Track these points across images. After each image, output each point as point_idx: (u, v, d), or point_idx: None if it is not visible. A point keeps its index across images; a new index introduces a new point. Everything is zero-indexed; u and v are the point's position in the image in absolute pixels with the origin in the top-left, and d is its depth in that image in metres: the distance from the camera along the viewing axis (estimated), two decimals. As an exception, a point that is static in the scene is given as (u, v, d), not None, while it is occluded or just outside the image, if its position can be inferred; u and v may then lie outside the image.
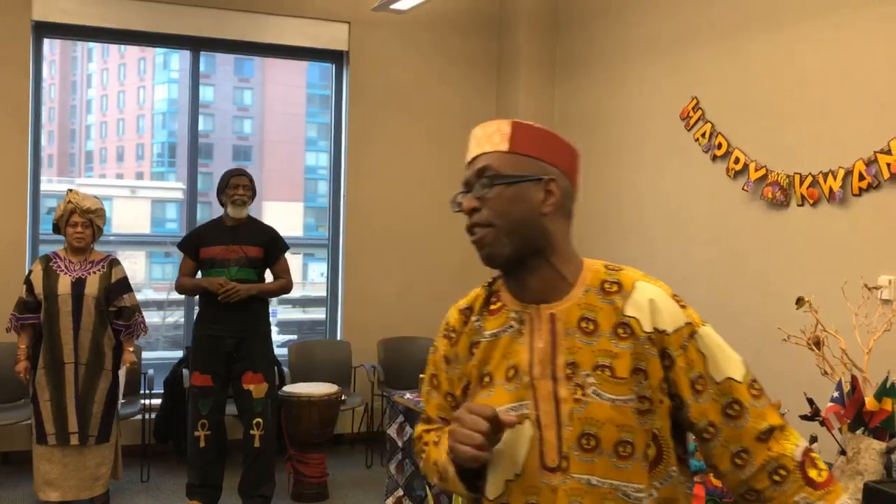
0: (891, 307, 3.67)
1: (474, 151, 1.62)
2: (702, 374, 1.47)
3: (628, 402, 1.44)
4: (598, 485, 1.44)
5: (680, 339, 1.47)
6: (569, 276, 1.54)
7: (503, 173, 1.53)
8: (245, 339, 4.74)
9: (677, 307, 1.50)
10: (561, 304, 1.52)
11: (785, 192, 4.43)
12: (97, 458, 4.79)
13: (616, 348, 1.46)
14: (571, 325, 1.49)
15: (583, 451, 1.44)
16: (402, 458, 4.45)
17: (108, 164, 10.65)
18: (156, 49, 8.79)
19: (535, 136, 1.56)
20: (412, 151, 6.60)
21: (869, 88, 4.03)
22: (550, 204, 1.52)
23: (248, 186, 4.79)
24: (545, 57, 6.51)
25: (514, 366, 1.51)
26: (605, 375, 1.45)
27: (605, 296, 1.51)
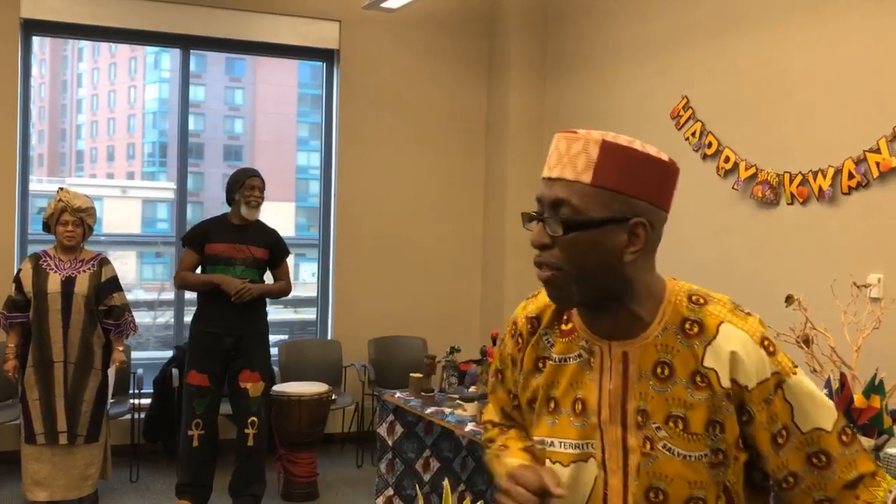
0: (879, 305, 3.67)
1: (553, 170, 1.39)
2: (786, 426, 1.36)
3: (701, 459, 1.35)
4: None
5: (764, 392, 1.34)
6: (646, 315, 1.39)
7: (582, 215, 1.33)
8: (243, 337, 4.73)
9: (764, 356, 1.35)
10: (636, 343, 1.39)
11: (775, 191, 4.44)
12: (86, 457, 4.77)
13: (691, 398, 1.35)
14: (646, 369, 1.38)
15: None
16: (392, 458, 4.44)
17: (99, 164, 10.62)
18: (146, 48, 8.77)
19: (625, 164, 1.34)
20: (403, 151, 6.59)
21: (858, 87, 4.04)
22: (634, 251, 1.35)
23: (262, 188, 4.78)
24: (536, 56, 6.51)
25: (583, 400, 1.42)
26: (678, 430, 1.35)
27: (685, 337, 1.37)
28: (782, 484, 1.40)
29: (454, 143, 6.74)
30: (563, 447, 1.43)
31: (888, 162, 3.84)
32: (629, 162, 1.34)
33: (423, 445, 4.54)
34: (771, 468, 1.39)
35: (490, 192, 6.76)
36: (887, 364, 3.04)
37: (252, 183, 4.73)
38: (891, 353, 3.45)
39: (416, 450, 4.52)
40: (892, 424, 2.75)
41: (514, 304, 6.13)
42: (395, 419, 4.46)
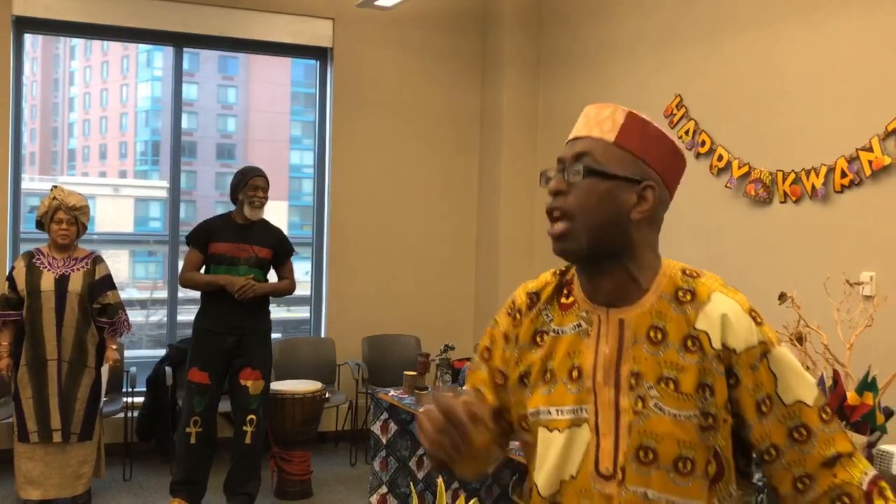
0: (872, 303, 3.69)
1: (580, 131, 1.52)
2: (770, 395, 1.41)
3: (691, 418, 1.39)
4: (654, 498, 1.40)
5: (750, 358, 1.41)
6: (643, 281, 1.47)
7: (602, 165, 1.44)
8: (246, 336, 4.72)
9: (752, 324, 1.43)
10: (631, 310, 1.46)
11: (768, 190, 4.45)
12: (80, 455, 4.76)
13: (683, 361, 1.41)
14: (640, 334, 1.44)
15: (640, 464, 1.41)
16: (386, 455, 4.45)
17: (91, 163, 10.59)
18: (139, 47, 8.75)
19: (647, 135, 1.47)
20: (397, 149, 6.59)
21: (851, 86, 4.05)
22: (641, 211, 1.44)
23: (267, 188, 4.77)
24: (529, 54, 6.52)
25: (578, 367, 1.47)
26: (669, 389, 1.40)
27: (678, 304, 1.44)
28: (764, 456, 1.44)
29: (448, 141, 6.74)
30: (559, 414, 1.47)
31: (881, 160, 3.86)
32: (649, 134, 1.47)
33: (417, 443, 4.55)
34: (755, 437, 1.43)
35: (484, 190, 6.76)
36: (880, 361, 3.06)
37: (256, 183, 4.72)
38: (883, 350, 3.47)
39: (410, 447, 4.52)
40: (884, 421, 2.77)
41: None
42: (389, 417, 4.46)
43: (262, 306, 4.84)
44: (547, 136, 6.44)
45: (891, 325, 3.56)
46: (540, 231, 6.50)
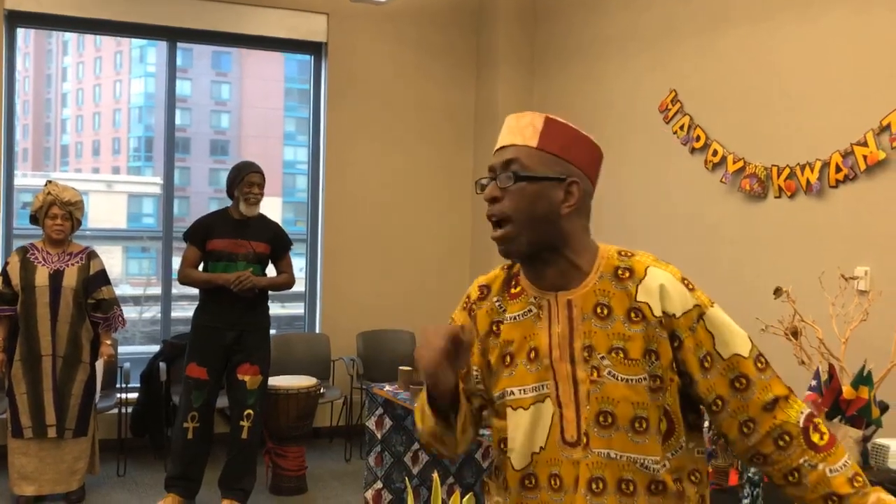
0: (867, 297, 3.69)
1: (505, 140, 1.64)
2: (710, 352, 1.57)
3: (641, 381, 1.54)
4: (616, 458, 1.55)
5: (689, 321, 1.56)
6: (583, 265, 1.61)
7: (528, 170, 1.59)
8: (245, 332, 4.72)
9: (686, 291, 1.58)
10: (577, 291, 1.61)
11: (762, 184, 4.46)
12: (74, 451, 4.75)
13: (629, 331, 1.56)
14: (587, 311, 1.59)
15: (601, 428, 1.55)
16: (381, 451, 4.44)
17: (84, 159, 10.54)
18: (132, 42, 8.70)
19: (565, 136, 1.61)
20: (391, 144, 6.58)
21: (845, 81, 4.06)
22: (569, 205, 1.59)
23: (262, 184, 4.76)
24: (524, 50, 6.51)
25: (535, 348, 1.61)
26: (619, 357, 1.55)
27: (619, 282, 1.59)
28: (712, 407, 1.59)
29: (442, 136, 6.73)
30: (523, 393, 1.62)
31: (875, 155, 3.86)
32: (567, 135, 1.62)
33: (412, 438, 4.54)
34: (702, 392, 1.58)
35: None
36: (875, 356, 3.06)
37: (251, 179, 4.71)
38: (878, 344, 3.47)
39: (405, 443, 4.52)
40: (879, 415, 2.77)
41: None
42: (384, 412, 4.46)
43: (261, 302, 4.83)
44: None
45: (885, 319, 3.56)
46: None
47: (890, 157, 3.83)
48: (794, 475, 1.57)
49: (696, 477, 1.62)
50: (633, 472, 1.54)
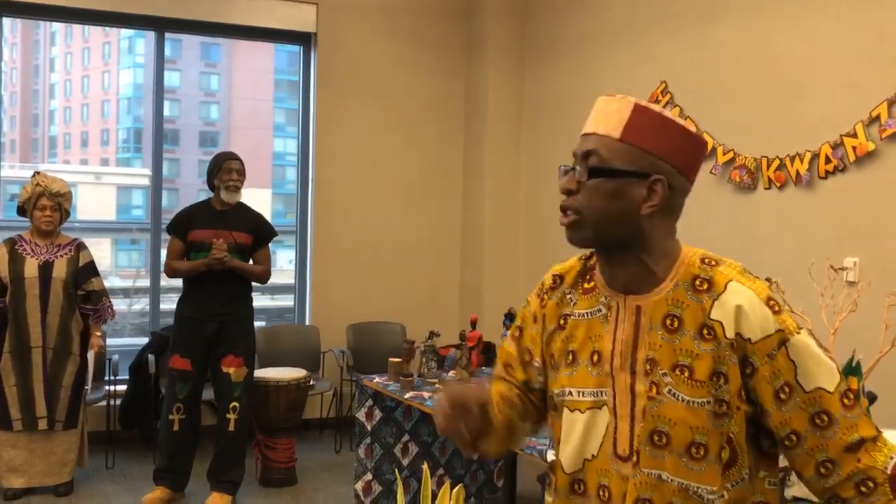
0: (856, 288, 3.70)
1: (590, 126, 1.52)
2: (789, 383, 1.42)
3: (704, 405, 1.42)
4: (667, 481, 1.44)
5: (767, 347, 1.41)
6: (659, 270, 1.49)
7: (608, 164, 1.46)
8: (227, 323, 4.70)
9: (769, 313, 1.42)
10: (648, 298, 1.49)
11: (752, 176, 4.46)
12: (65, 443, 4.74)
13: (698, 349, 1.43)
14: (656, 321, 1.47)
15: (654, 447, 1.45)
16: (371, 443, 4.44)
17: (73, 150, 10.50)
18: (120, 33, 8.66)
19: (654, 127, 1.46)
20: (381, 136, 6.56)
21: (835, 72, 4.06)
22: (651, 205, 1.46)
23: (242, 171, 4.74)
24: (514, 42, 6.50)
25: (598, 351, 1.52)
26: (684, 376, 1.43)
27: (695, 293, 1.46)
28: (785, 442, 1.45)
29: (433, 128, 6.72)
30: (581, 395, 1.53)
31: (864, 146, 3.87)
32: (657, 125, 1.46)
33: (402, 430, 4.54)
34: (774, 424, 1.44)
35: (469, 177, 6.75)
36: (863, 346, 3.07)
37: (230, 166, 4.69)
38: (867, 335, 3.48)
39: (395, 434, 4.52)
40: (868, 406, 2.78)
41: (493, 288, 6.18)
42: (374, 404, 4.45)
43: (243, 293, 4.81)
44: (532, 123, 6.43)
45: (874, 310, 3.57)
46: (525, 217, 6.49)
47: (879, 148, 3.83)
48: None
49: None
50: (685, 499, 1.44)
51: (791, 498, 2.84)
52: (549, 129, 6.18)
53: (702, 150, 1.53)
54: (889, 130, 3.77)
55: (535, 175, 6.32)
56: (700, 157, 1.52)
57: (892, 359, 3.18)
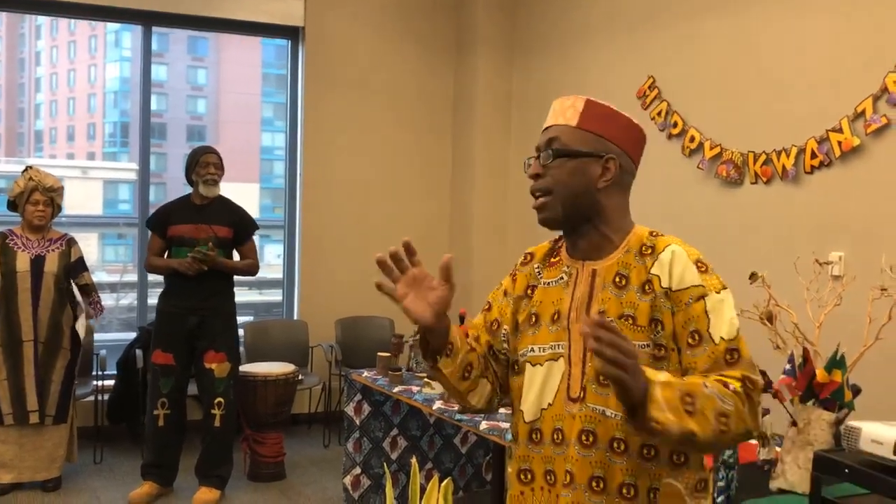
0: (840, 282, 3.73)
1: (549, 121, 1.79)
2: (699, 332, 1.61)
3: (644, 348, 1.61)
4: (611, 416, 1.62)
5: (685, 297, 1.62)
6: (615, 239, 1.73)
7: (568, 147, 1.72)
8: (208, 317, 4.69)
9: (694, 270, 1.64)
10: (603, 262, 1.72)
11: (739, 170, 4.48)
12: (54, 438, 4.75)
13: (640, 301, 1.65)
14: (608, 280, 1.70)
15: (599, 386, 1.64)
16: (359, 437, 4.44)
17: (59, 144, 10.42)
18: (107, 26, 8.61)
19: (604, 116, 1.73)
20: (369, 130, 6.56)
21: (821, 68, 4.08)
22: (605, 180, 1.71)
23: (219, 164, 4.73)
24: (503, 36, 6.50)
25: (558, 311, 1.74)
26: (628, 323, 1.64)
27: (641, 257, 1.69)
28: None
29: (421, 122, 6.71)
30: (541, 350, 1.74)
31: (850, 141, 3.89)
32: (606, 115, 1.74)
33: (391, 424, 4.55)
34: (684, 365, 1.62)
35: (457, 171, 6.75)
36: (848, 340, 3.09)
37: (206, 160, 4.69)
38: (851, 329, 3.50)
39: (384, 429, 4.52)
40: (852, 398, 2.80)
41: (482, 282, 6.18)
42: (363, 398, 4.46)
43: (225, 287, 4.80)
44: (520, 117, 6.44)
45: (859, 304, 3.59)
46: (513, 211, 6.50)
47: (864, 143, 3.86)
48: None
49: (704, 460, 1.68)
50: (626, 433, 1.60)
51: (777, 490, 2.86)
52: (538, 123, 6.15)
53: (642, 138, 1.78)
54: (874, 126, 3.79)
55: (523, 171, 6.33)
56: (641, 143, 1.78)
57: (876, 352, 3.21)
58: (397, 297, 1.73)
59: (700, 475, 1.66)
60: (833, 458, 2.55)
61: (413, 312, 1.70)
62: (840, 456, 2.55)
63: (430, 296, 1.72)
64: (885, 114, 3.76)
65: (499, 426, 3.43)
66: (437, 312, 1.70)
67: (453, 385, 1.78)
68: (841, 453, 2.58)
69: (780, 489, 2.86)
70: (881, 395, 3.62)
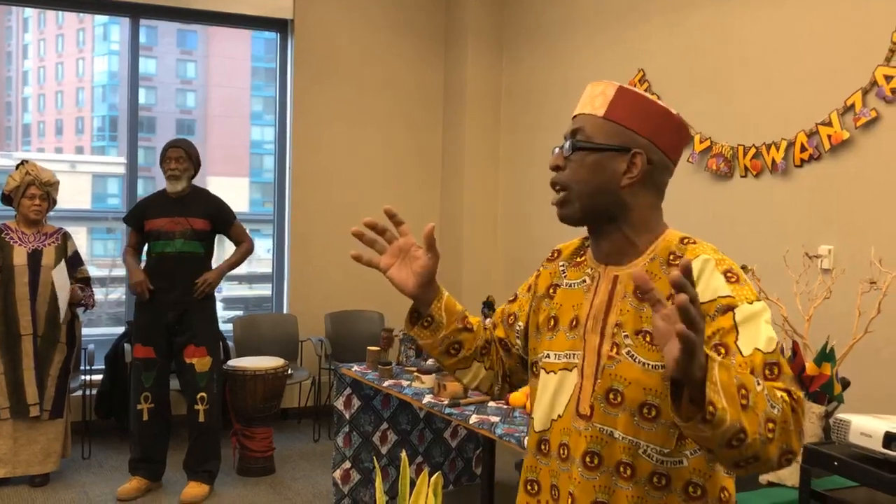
0: (830, 276, 3.74)
1: (578, 108, 1.63)
2: (725, 344, 1.41)
3: (658, 369, 1.47)
4: (618, 439, 1.49)
5: (710, 309, 1.44)
6: (640, 243, 1.58)
7: (590, 139, 1.56)
8: (188, 312, 4.67)
9: (721, 280, 1.46)
10: (626, 269, 1.57)
11: (729, 164, 4.48)
12: (50, 433, 4.74)
13: None
14: (629, 289, 1.54)
15: (608, 405, 1.51)
16: (349, 431, 4.43)
17: (47, 138, 10.38)
18: (95, 19, 8.57)
19: (636, 106, 1.56)
20: (359, 123, 6.54)
21: (811, 61, 4.08)
22: (630, 177, 1.54)
23: (183, 158, 4.70)
24: (493, 29, 6.49)
25: (577, 317, 1.61)
26: (644, 341, 1.49)
27: (668, 267, 1.53)
28: None
29: (411, 116, 6.70)
30: (556, 357, 1.62)
31: (839, 135, 3.89)
32: (638, 104, 1.56)
33: (381, 418, 4.54)
34: None
35: (447, 164, 6.74)
36: (837, 333, 3.11)
37: (169, 154, 4.69)
38: (840, 322, 3.52)
39: (374, 423, 4.51)
40: (841, 391, 2.80)
41: (472, 276, 6.18)
42: (353, 393, 4.45)
43: None
44: (510, 110, 6.43)
45: (848, 297, 3.61)
46: (503, 205, 6.49)
47: (854, 136, 3.86)
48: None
49: (725, 495, 1.52)
50: (633, 457, 1.48)
51: (766, 482, 2.86)
52: (528, 116, 6.18)
53: (682, 131, 1.59)
54: (863, 119, 3.79)
55: (514, 163, 6.33)
56: (681, 137, 1.60)
57: (866, 345, 3.22)
58: (381, 267, 1.65)
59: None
60: (822, 450, 2.56)
61: (396, 281, 1.65)
62: (829, 449, 2.55)
63: (415, 265, 1.64)
64: (874, 107, 3.76)
65: (489, 420, 3.42)
66: (420, 282, 1.64)
67: (435, 357, 1.76)
68: (830, 446, 2.58)
69: (770, 482, 2.86)
70: (870, 388, 3.63)
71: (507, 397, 3.66)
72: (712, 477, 1.49)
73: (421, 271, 1.63)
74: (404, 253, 1.66)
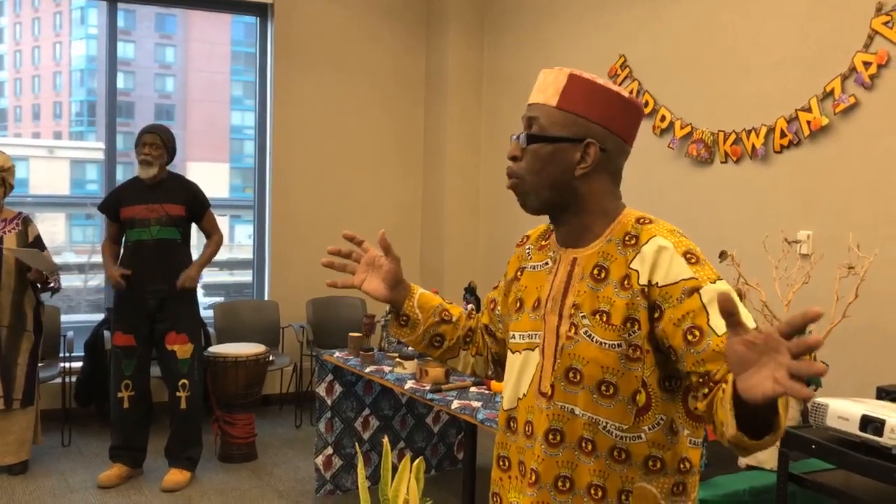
0: (809, 261, 3.77)
1: (532, 97, 1.64)
2: (699, 327, 1.43)
3: (615, 347, 1.51)
4: (579, 415, 1.55)
5: (676, 292, 1.47)
6: (597, 227, 1.61)
7: (545, 131, 1.59)
8: (168, 298, 4.65)
9: (683, 262, 1.49)
10: (584, 251, 1.61)
11: (709, 150, 4.50)
12: (22, 421, 4.69)
13: (616, 297, 1.52)
14: (587, 271, 1.58)
15: (568, 383, 1.56)
16: (331, 417, 4.43)
17: (24, 123, 10.25)
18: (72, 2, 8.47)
19: (589, 93, 1.57)
20: (340, 109, 6.51)
21: (790, 47, 4.10)
22: (584, 167, 1.57)
23: (157, 145, 4.64)
24: (474, 14, 6.47)
25: (539, 297, 1.65)
26: (601, 321, 1.53)
27: (623, 247, 1.56)
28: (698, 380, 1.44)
29: (392, 101, 6.67)
30: (520, 338, 1.67)
31: (819, 121, 3.91)
32: (591, 92, 1.57)
33: (363, 404, 4.54)
34: (688, 367, 1.45)
35: (429, 150, 6.73)
36: (816, 317, 3.13)
37: (145, 140, 4.64)
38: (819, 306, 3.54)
39: (356, 409, 4.52)
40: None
41: (453, 261, 6.18)
42: (334, 379, 4.45)
43: (182, 267, 4.74)
44: (491, 95, 6.42)
45: (826, 282, 3.64)
46: (485, 190, 6.49)
47: (833, 123, 3.88)
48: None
49: (685, 465, 1.56)
50: (593, 433, 1.53)
51: (745, 466, 2.89)
52: (509, 102, 6.17)
53: (636, 113, 1.61)
54: (843, 105, 3.82)
55: (495, 148, 6.32)
56: (635, 119, 1.61)
57: (843, 330, 3.25)
58: (355, 285, 1.78)
59: (676, 479, 1.54)
60: (800, 434, 2.58)
61: (369, 291, 1.77)
62: (807, 432, 2.58)
63: (381, 272, 1.78)
64: (853, 93, 3.79)
65: (470, 405, 3.43)
66: (389, 286, 1.78)
67: (422, 351, 1.86)
68: (808, 429, 2.61)
69: (749, 465, 2.89)
70: (848, 372, 3.67)
71: (489, 383, 3.67)
72: (671, 450, 1.54)
73: (386, 276, 1.76)
74: (371, 265, 1.79)
